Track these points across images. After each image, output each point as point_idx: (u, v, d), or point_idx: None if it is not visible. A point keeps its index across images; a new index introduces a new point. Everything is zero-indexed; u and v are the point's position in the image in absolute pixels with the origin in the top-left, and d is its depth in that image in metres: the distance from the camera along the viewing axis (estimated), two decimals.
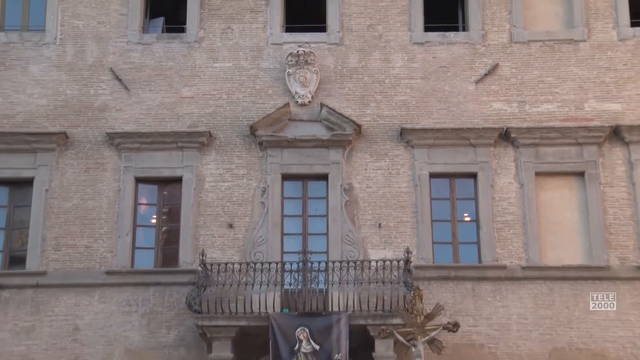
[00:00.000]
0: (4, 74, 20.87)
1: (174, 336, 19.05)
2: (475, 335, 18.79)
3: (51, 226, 19.77)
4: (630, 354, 18.52)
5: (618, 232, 19.49)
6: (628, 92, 20.45)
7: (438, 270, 19.53)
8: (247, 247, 19.66)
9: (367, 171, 20.30)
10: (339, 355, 17.46)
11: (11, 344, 18.86)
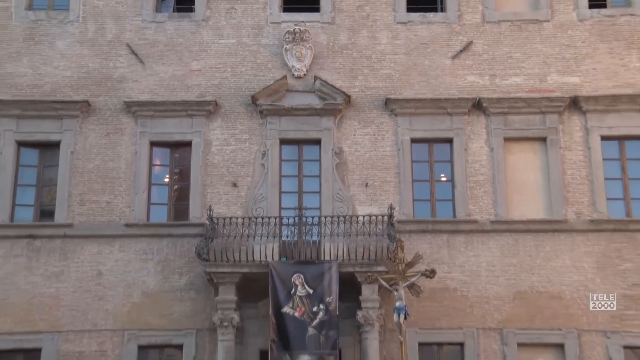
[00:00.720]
0: (33, 48, 20.83)
1: (184, 281, 19.31)
2: (450, 280, 19.09)
3: (76, 184, 19.96)
4: (583, 295, 18.85)
5: (575, 190, 19.76)
6: (586, 66, 20.63)
7: (417, 224, 19.78)
8: (249, 204, 19.86)
9: (355, 136, 20.47)
10: (329, 298, 17.69)
11: (43, 286, 19.07)
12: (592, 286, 19.05)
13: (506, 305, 19.16)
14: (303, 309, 17.73)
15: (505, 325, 19.02)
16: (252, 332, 19.13)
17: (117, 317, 19.13)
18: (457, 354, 19.35)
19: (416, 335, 18.51)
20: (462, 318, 19.10)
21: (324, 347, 17.62)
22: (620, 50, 20.91)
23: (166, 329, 19.17)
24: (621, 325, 18.76)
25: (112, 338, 19.00)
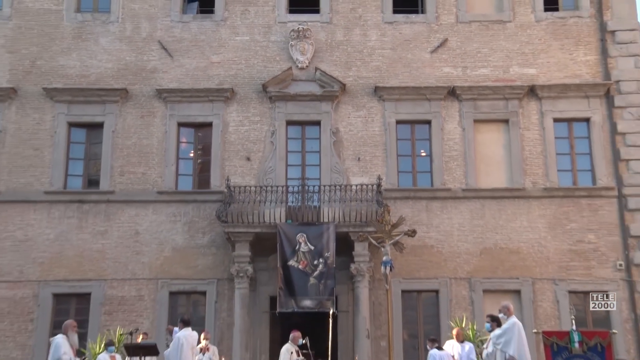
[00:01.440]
0: (80, 44, 21.12)
1: (207, 239, 19.86)
2: (427, 239, 19.67)
3: (117, 158, 20.44)
4: (537, 250, 19.52)
5: (531, 163, 20.22)
6: (541, 60, 20.94)
7: (401, 192, 20.29)
8: (260, 175, 20.33)
9: (349, 118, 20.83)
10: (327, 253, 18.33)
11: (91, 242, 19.69)
12: (545, 243, 19.63)
13: (474, 259, 19.70)
14: (305, 262, 18.39)
15: (473, 275, 19.58)
16: (263, 282, 19.69)
17: (151, 268, 19.69)
18: (433, 300, 19.86)
19: (399, 284, 19.23)
20: (438, 270, 19.65)
21: (323, 294, 18.23)
22: (570, 46, 21.15)
23: (192, 278, 19.70)
24: (567, 274, 19.39)
25: (148, 285, 19.60)
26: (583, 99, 20.73)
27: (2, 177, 20.30)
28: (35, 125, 20.67)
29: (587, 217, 20.00)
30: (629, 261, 19.62)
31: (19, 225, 19.97)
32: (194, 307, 20.08)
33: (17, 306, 19.49)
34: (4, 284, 19.55)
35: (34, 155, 20.48)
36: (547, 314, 19.22)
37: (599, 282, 19.42)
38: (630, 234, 19.75)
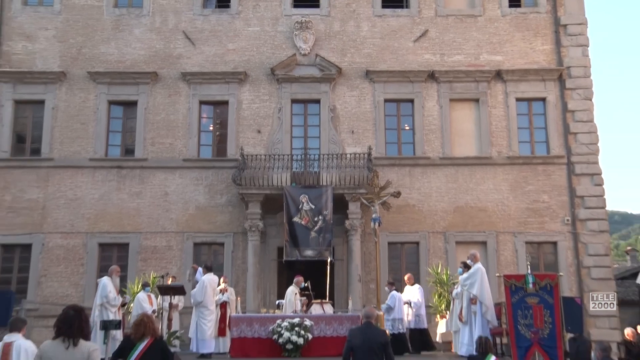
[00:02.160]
0: (117, 34, 21.45)
1: (224, 199, 20.40)
2: (410, 199, 20.15)
3: (148, 130, 20.89)
4: (501, 208, 20.17)
5: (497, 136, 20.80)
6: (506, 49, 21.44)
7: (388, 160, 20.75)
8: (269, 145, 20.73)
9: (344, 97, 21.19)
10: (326, 211, 18.79)
11: (128, 201, 20.32)
12: (507, 202, 20.28)
13: (448, 216, 20.30)
14: (307, 219, 18.86)
15: (447, 229, 20.20)
16: (271, 235, 20.17)
17: (178, 223, 20.21)
18: (414, 250, 20.40)
19: (386, 237, 19.72)
20: (418, 225, 20.22)
21: (322, 245, 18.70)
22: (530, 37, 21.63)
23: (212, 232, 20.25)
24: (524, 228, 20.12)
25: (176, 237, 20.15)
26: (540, 81, 21.27)
27: (55, 146, 20.69)
28: (81, 103, 21.04)
29: (542, 180, 20.56)
30: (574, 217, 20.30)
31: (69, 186, 20.41)
32: (214, 255, 20.31)
33: (70, 253, 20.00)
34: (58, 234, 20.05)
35: (80, 128, 20.87)
36: (507, 261, 19.83)
37: (550, 235, 20.22)
38: (576, 195, 20.41)
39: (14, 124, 21.20)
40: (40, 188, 20.47)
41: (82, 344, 5.40)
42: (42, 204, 20.36)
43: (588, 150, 20.77)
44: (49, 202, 20.37)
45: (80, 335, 5.40)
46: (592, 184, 20.58)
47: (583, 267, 20.11)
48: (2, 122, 20.93)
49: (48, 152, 20.78)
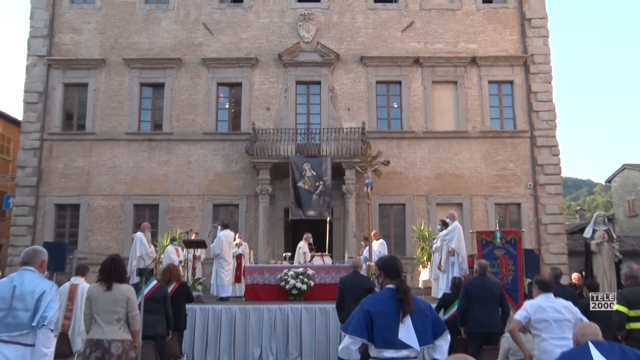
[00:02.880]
0: (148, 26, 21.47)
1: (239, 167, 20.48)
2: (398, 167, 20.18)
3: (174, 108, 20.91)
4: (474, 175, 20.32)
5: (472, 113, 20.83)
6: (480, 38, 21.39)
7: (379, 133, 20.71)
8: (276, 120, 20.74)
9: (342, 80, 21.13)
10: (326, 177, 18.82)
11: (157, 169, 20.49)
12: (480, 170, 20.39)
13: (430, 181, 20.40)
14: (310, 184, 18.91)
15: (429, 193, 20.36)
16: (279, 198, 20.23)
17: (200, 187, 20.37)
18: (401, 210, 20.53)
19: (377, 200, 19.61)
20: (404, 189, 20.37)
21: (322, 206, 18.80)
22: (500, 29, 21.56)
23: (229, 195, 20.42)
24: (494, 192, 20.32)
25: (198, 200, 20.36)
26: (508, 67, 21.27)
27: (96, 122, 20.88)
28: (118, 85, 21.12)
29: (509, 151, 20.69)
30: (535, 182, 20.52)
31: (109, 156, 20.62)
32: (230, 215, 20.33)
33: (110, 212, 20.35)
34: (101, 196, 20.38)
35: (117, 106, 20.99)
36: (479, 219, 20.03)
37: (515, 197, 20.47)
38: (537, 163, 20.60)
39: (63, 104, 21.35)
40: (85, 157, 20.69)
41: (119, 287, 5.72)
42: (87, 171, 20.59)
43: (547, 126, 20.88)
44: (93, 170, 20.58)
45: (115, 280, 5.71)
46: (550, 154, 20.75)
47: (541, 224, 20.38)
48: (54, 102, 21.13)
49: (91, 127, 20.94)
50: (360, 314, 4.07)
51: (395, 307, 4.07)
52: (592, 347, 3.95)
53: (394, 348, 3.97)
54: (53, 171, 20.66)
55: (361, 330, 3.99)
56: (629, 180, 31.47)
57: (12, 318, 4.30)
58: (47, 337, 4.33)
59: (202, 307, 11.63)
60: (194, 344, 11.25)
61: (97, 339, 5.54)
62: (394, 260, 4.43)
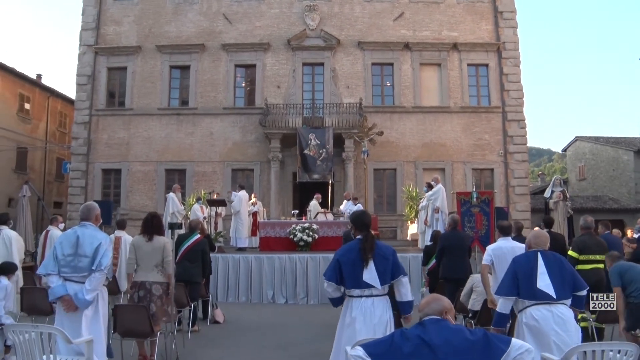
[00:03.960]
0: (177, 17, 21.20)
1: (253, 137, 20.29)
2: (390, 137, 19.98)
3: (198, 87, 20.63)
4: (455, 144, 20.11)
5: (453, 91, 20.48)
6: (460, 27, 20.96)
7: (374, 108, 20.29)
8: (286, 96, 20.39)
9: (342, 62, 20.70)
10: (328, 145, 18.55)
11: (184, 139, 20.34)
12: (460, 140, 20.16)
13: (418, 149, 20.18)
14: (315, 151, 18.71)
15: (417, 159, 20.16)
16: (288, 163, 19.99)
17: (221, 154, 20.27)
18: (392, 174, 20.30)
19: (372, 165, 19.41)
20: (396, 156, 20.17)
21: (325, 171, 18.61)
22: (477, 20, 21.11)
23: (245, 161, 20.32)
24: (472, 159, 20.16)
25: (218, 165, 20.30)
26: (484, 52, 20.93)
27: (134, 100, 20.85)
28: (151, 68, 20.93)
29: (485, 124, 20.48)
30: (506, 150, 20.39)
31: (144, 128, 20.58)
32: (246, 178, 20.12)
33: (146, 176, 20.41)
34: (138, 162, 20.44)
35: (151, 86, 20.82)
36: (459, 182, 19.83)
37: (489, 163, 20.35)
38: (507, 135, 20.44)
39: (107, 85, 21.32)
40: (125, 130, 20.72)
41: (157, 238, 5.97)
42: (126, 141, 20.66)
43: (516, 103, 20.65)
44: (131, 139, 20.63)
45: (155, 232, 5.97)
46: (519, 127, 20.55)
47: (510, 186, 20.30)
48: (99, 83, 21.19)
49: (129, 104, 20.92)
50: (333, 263, 4.27)
51: (360, 255, 4.23)
52: (539, 255, 4.27)
53: (360, 288, 4.16)
54: (99, 141, 20.77)
55: (333, 276, 4.21)
56: (579, 149, 31.70)
57: (78, 262, 4.58)
58: (97, 279, 4.58)
59: (223, 256, 11.76)
60: (217, 286, 11.40)
61: (141, 281, 5.82)
62: (363, 215, 4.53)
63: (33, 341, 4.13)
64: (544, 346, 4.00)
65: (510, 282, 4.25)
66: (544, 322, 4.05)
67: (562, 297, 4.16)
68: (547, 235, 4.52)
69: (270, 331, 8.29)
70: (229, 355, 6.69)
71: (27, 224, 13.14)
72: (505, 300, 4.26)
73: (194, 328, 7.91)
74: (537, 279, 4.16)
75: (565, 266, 4.29)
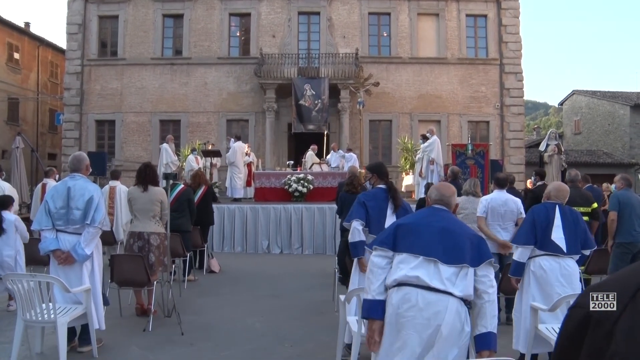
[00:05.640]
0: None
1: (249, 87, 19.94)
2: (386, 88, 19.65)
3: (192, 36, 20.13)
4: (451, 96, 19.86)
5: (451, 42, 20.18)
6: None
7: (372, 58, 20.00)
8: (281, 46, 19.95)
9: (338, 10, 20.19)
10: (324, 96, 18.47)
11: (178, 89, 20.08)
12: (456, 92, 20.02)
13: (414, 101, 20.03)
14: (310, 102, 18.56)
15: (413, 111, 20.03)
16: (283, 114, 19.78)
17: (215, 105, 20.05)
18: (388, 126, 20.24)
19: (367, 116, 19.48)
20: (391, 107, 20.02)
21: (320, 121, 18.55)
22: None
23: (240, 111, 20.13)
24: (467, 111, 20.08)
25: (213, 115, 20.12)
26: (483, 2, 20.62)
27: (126, 49, 20.48)
28: (144, 17, 20.47)
29: (482, 76, 20.29)
30: (502, 103, 20.29)
31: (137, 79, 20.29)
32: (241, 129, 19.85)
33: (140, 127, 20.29)
34: (132, 113, 20.26)
35: (143, 35, 20.41)
36: (455, 134, 19.80)
37: (485, 116, 20.30)
38: (504, 87, 20.30)
39: (99, 34, 20.86)
40: (118, 80, 20.40)
41: (153, 189, 5.98)
42: (120, 91, 20.37)
43: (514, 55, 20.38)
44: (125, 90, 20.35)
45: (150, 183, 5.97)
46: (516, 80, 20.37)
47: (505, 139, 20.30)
48: (90, 32, 20.69)
49: (122, 53, 20.53)
50: (358, 205, 4.35)
51: (385, 202, 4.37)
52: (557, 208, 4.35)
53: None
54: (92, 92, 20.47)
55: (362, 214, 4.28)
56: (576, 103, 31.44)
57: (70, 215, 4.56)
58: (92, 233, 4.57)
59: (219, 207, 11.77)
60: (213, 236, 11.45)
61: (139, 231, 5.86)
62: (382, 165, 4.78)
63: (32, 290, 4.25)
64: (547, 296, 4.12)
65: (528, 230, 4.32)
66: (551, 273, 4.16)
67: (571, 252, 4.24)
68: (568, 190, 4.58)
69: (265, 281, 8.42)
70: (225, 303, 6.81)
71: (21, 175, 13.12)
72: (523, 249, 4.31)
73: (190, 277, 8.01)
74: (552, 231, 4.24)
75: (580, 223, 4.36)
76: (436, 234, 2.67)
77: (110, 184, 9.74)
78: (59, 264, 4.57)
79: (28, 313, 4.29)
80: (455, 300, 2.55)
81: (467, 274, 2.60)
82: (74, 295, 4.52)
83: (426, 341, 2.50)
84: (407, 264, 2.63)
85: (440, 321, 2.50)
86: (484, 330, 2.58)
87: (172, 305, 5.77)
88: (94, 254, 4.68)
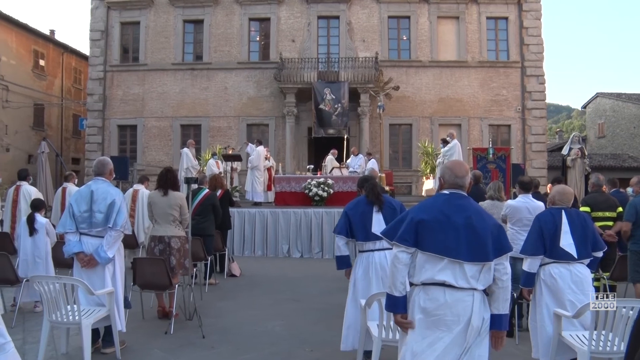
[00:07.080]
0: None
1: (269, 92, 20.09)
2: (406, 92, 19.77)
3: (212, 41, 20.40)
4: (472, 100, 19.91)
5: (471, 45, 20.14)
6: None
7: (390, 62, 20.07)
8: (301, 50, 20.11)
9: (358, 14, 20.30)
10: (344, 100, 18.45)
11: (199, 94, 20.37)
12: (477, 95, 19.93)
13: (434, 105, 19.99)
14: (330, 106, 18.66)
15: (433, 115, 19.97)
16: (303, 118, 19.91)
17: (235, 109, 20.23)
18: (408, 130, 20.22)
19: (387, 120, 19.38)
20: (412, 111, 20.03)
21: (340, 126, 18.62)
22: None
23: (260, 116, 20.24)
24: (488, 115, 19.95)
25: (233, 120, 20.32)
26: (504, 5, 20.49)
27: (148, 55, 20.75)
28: (164, 22, 20.76)
29: (503, 79, 20.14)
30: (524, 107, 20.11)
31: (158, 84, 20.55)
32: (262, 133, 20.12)
33: (161, 131, 20.53)
34: (153, 118, 20.53)
35: (164, 41, 20.70)
36: (475, 138, 19.69)
37: (506, 119, 20.12)
38: (526, 90, 20.11)
39: (121, 40, 21.16)
40: (140, 85, 20.68)
41: (173, 193, 6.01)
42: (141, 97, 20.66)
43: (536, 58, 20.19)
44: (146, 95, 20.63)
45: (170, 187, 6.00)
46: (537, 82, 20.18)
47: (527, 143, 20.12)
48: (113, 39, 21.03)
49: (144, 59, 20.83)
50: (342, 216, 4.50)
51: (369, 205, 4.45)
52: (563, 213, 4.27)
53: (370, 240, 4.40)
54: (114, 97, 20.78)
55: (343, 228, 4.45)
56: (600, 106, 30.96)
57: (93, 218, 4.63)
58: (114, 237, 4.63)
59: (239, 211, 11.83)
60: (234, 241, 11.52)
61: (160, 235, 5.90)
62: (365, 176, 5.04)
63: (57, 292, 4.32)
64: (559, 303, 4.05)
65: (536, 240, 4.23)
66: (562, 280, 4.09)
67: (582, 256, 4.16)
68: (572, 192, 4.46)
69: (285, 284, 8.42)
70: (245, 307, 6.84)
71: (47, 179, 13.39)
72: (533, 260, 4.23)
73: (211, 281, 8.06)
74: (561, 238, 4.15)
75: (588, 225, 4.27)
76: (459, 232, 2.67)
77: (134, 187, 9.83)
78: (82, 267, 4.64)
79: (54, 314, 4.36)
80: (479, 293, 2.67)
81: (490, 268, 2.69)
82: (97, 297, 4.58)
83: (459, 336, 2.63)
84: (433, 266, 2.67)
85: (469, 315, 2.62)
86: (496, 312, 2.71)
87: (193, 309, 5.82)
88: (115, 256, 4.73)
